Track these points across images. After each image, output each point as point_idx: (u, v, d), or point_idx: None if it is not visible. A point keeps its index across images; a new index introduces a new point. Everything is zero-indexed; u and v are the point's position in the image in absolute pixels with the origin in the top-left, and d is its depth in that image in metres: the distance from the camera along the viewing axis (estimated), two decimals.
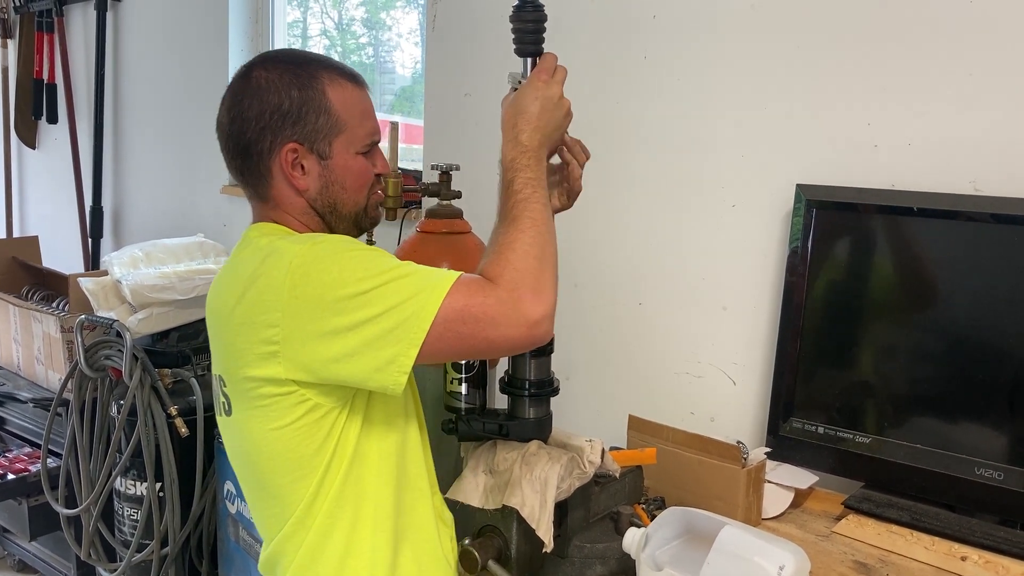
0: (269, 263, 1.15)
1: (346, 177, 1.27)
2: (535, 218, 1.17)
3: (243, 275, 1.19)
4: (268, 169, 1.25)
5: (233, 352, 1.20)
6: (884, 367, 1.65)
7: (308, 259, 1.12)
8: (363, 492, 1.23)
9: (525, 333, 1.10)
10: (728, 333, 1.93)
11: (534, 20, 1.27)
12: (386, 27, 3.34)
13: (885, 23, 1.68)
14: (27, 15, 4.13)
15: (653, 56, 2.02)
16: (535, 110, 1.24)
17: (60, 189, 4.10)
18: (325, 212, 1.28)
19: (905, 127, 1.67)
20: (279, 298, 1.12)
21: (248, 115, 1.23)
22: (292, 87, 1.23)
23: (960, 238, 1.56)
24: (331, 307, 1.09)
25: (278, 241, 1.19)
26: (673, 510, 1.33)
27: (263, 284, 1.14)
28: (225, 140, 1.27)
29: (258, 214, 1.31)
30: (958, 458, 1.52)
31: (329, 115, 1.24)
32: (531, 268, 1.12)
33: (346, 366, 1.11)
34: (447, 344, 1.10)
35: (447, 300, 1.08)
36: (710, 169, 1.94)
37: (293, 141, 1.23)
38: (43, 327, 2.87)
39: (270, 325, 1.13)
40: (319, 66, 1.26)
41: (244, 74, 1.26)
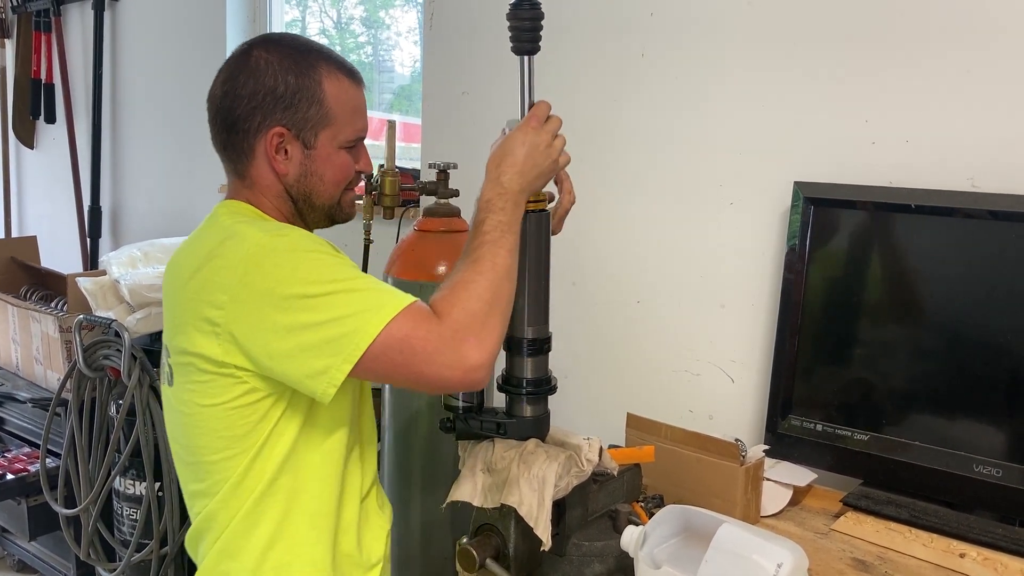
0: (228, 245, 1.17)
1: (326, 169, 1.29)
2: (496, 263, 1.18)
3: (201, 251, 1.21)
4: (251, 148, 1.27)
5: (179, 325, 1.22)
6: (882, 364, 1.65)
7: (266, 250, 1.14)
8: (302, 487, 1.25)
9: (459, 376, 1.11)
10: (726, 331, 1.93)
11: (531, 18, 1.27)
12: (385, 26, 3.34)
13: (883, 20, 1.68)
14: (25, 15, 4.12)
15: (651, 54, 2.02)
16: (521, 154, 1.25)
17: (58, 189, 4.10)
18: (299, 199, 1.30)
19: (903, 124, 1.67)
20: (229, 282, 1.14)
21: (241, 92, 1.25)
22: (289, 72, 1.24)
23: (958, 235, 1.55)
24: (277, 303, 1.11)
25: (242, 225, 1.21)
26: (671, 508, 1.33)
27: (218, 264, 1.16)
28: (215, 112, 1.29)
29: (232, 191, 1.33)
30: (956, 455, 1.52)
31: (321, 106, 1.26)
32: (480, 312, 1.13)
33: (280, 364, 1.13)
34: (380, 368, 1.11)
35: (391, 325, 1.09)
36: (708, 167, 1.94)
37: (281, 125, 1.25)
38: (42, 327, 2.87)
39: (216, 306, 1.15)
40: (319, 56, 1.28)
41: (244, 51, 1.28)
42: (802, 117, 1.79)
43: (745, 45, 1.87)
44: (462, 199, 1.89)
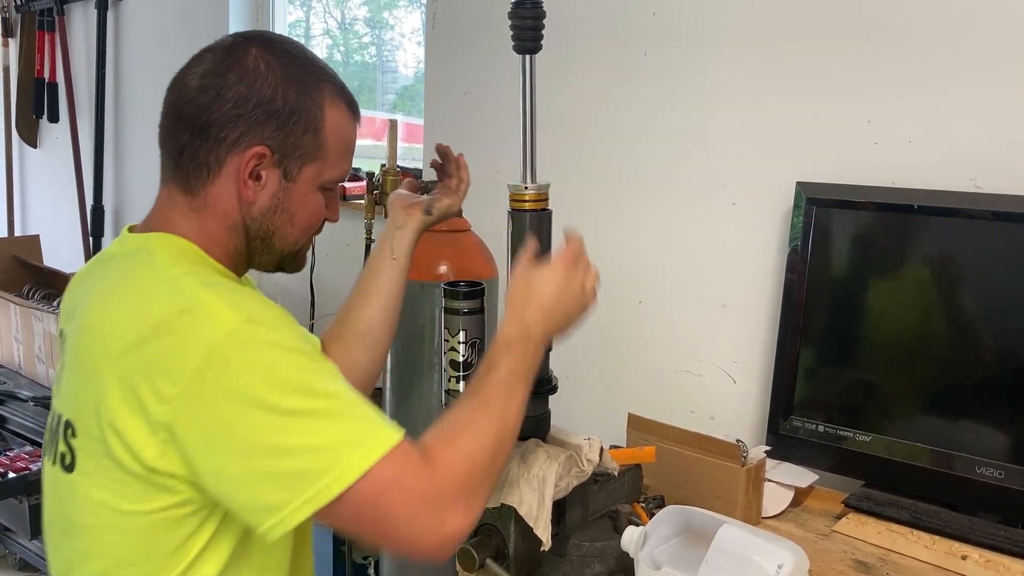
0: (188, 323, 0.92)
1: (299, 209, 1.10)
2: (508, 415, 1.03)
3: (150, 315, 0.94)
4: (219, 162, 1.05)
5: (103, 403, 0.95)
6: (884, 365, 1.65)
7: (238, 341, 0.91)
8: None
9: (432, 546, 0.93)
10: (728, 331, 1.93)
11: (532, 17, 1.27)
12: (389, 26, 3.34)
13: (885, 19, 1.68)
14: (28, 14, 4.13)
15: (653, 53, 2.01)
16: (551, 296, 1.12)
17: (61, 188, 4.10)
18: (256, 237, 1.09)
19: (905, 124, 1.67)
20: (183, 373, 0.90)
21: (227, 93, 1.03)
22: (291, 86, 1.05)
23: (960, 236, 1.55)
24: (240, 411, 0.89)
25: (204, 291, 0.96)
26: (672, 508, 1.33)
27: (170, 344, 0.92)
28: (180, 104, 1.06)
29: (166, 213, 1.09)
30: (959, 457, 1.52)
31: (316, 135, 1.07)
32: (480, 468, 0.97)
33: (226, 486, 0.92)
34: (345, 519, 0.92)
35: (374, 470, 0.89)
36: (710, 166, 1.94)
37: (265, 145, 1.05)
38: (44, 326, 2.87)
39: (160, 399, 0.91)
40: (325, 76, 1.10)
41: (236, 45, 1.07)
42: (805, 117, 1.79)
43: (748, 45, 1.86)
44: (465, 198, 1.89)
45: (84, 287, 1.11)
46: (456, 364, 1.41)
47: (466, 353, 1.40)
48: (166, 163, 1.10)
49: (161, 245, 1.06)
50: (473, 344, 1.41)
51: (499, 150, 2.28)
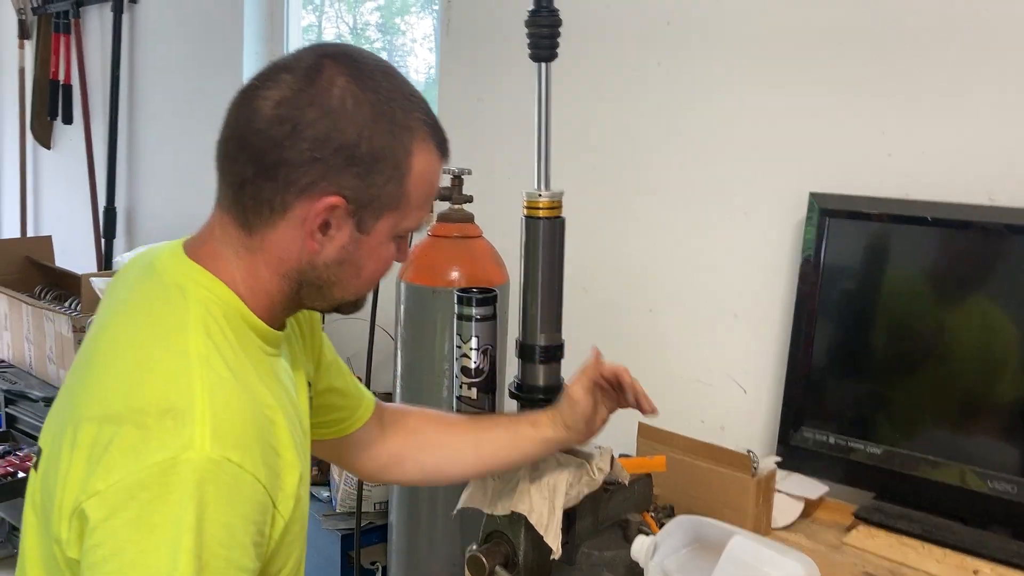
0: (163, 427, 0.83)
1: (368, 261, 0.97)
2: None
3: (136, 393, 0.86)
4: (286, 206, 0.91)
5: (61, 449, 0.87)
6: (896, 377, 1.64)
7: (193, 480, 0.81)
8: None
9: None
10: (739, 341, 1.92)
11: (549, 25, 1.27)
12: (400, 32, 3.35)
13: (899, 30, 1.67)
14: (44, 16, 4.16)
15: (667, 63, 2.02)
16: None
17: (74, 189, 4.13)
18: (313, 287, 0.98)
19: (919, 136, 1.66)
20: (122, 480, 0.81)
21: (305, 131, 0.89)
22: (378, 129, 0.91)
23: (974, 248, 1.55)
24: (141, 546, 0.80)
25: (202, 394, 0.85)
26: (682, 518, 1.32)
27: (134, 440, 0.82)
28: (249, 132, 0.91)
29: (219, 246, 0.96)
30: (971, 470, 1.51)
31: (400, 185, 0.94)
32: None
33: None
34: None
35: None
36: (722, 176, 1.93)
37: (340, 195, 0.91)
38: (55, 326, 2.89)
39: (89, 488, 0.82)
40: (418, 112, 0.95)
41: (319, 71, 0.91)
42: (818, 127, 1.79)
43: (761, 55, 1.86)
44: (476, 204, 1.90)
45: (119, 293, 1.02)
46: (468, 371, 1.41)
47: (478, 360, 1.40)
48: (223, 189, 0.96)
49: (199, 296, 0.93)
50: (485, 351, 1.41)
51: (511, 156, 2.28)
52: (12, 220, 4.57)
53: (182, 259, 0.97)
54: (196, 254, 0.97)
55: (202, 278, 0.95)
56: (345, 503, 2.19)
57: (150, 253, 1.03)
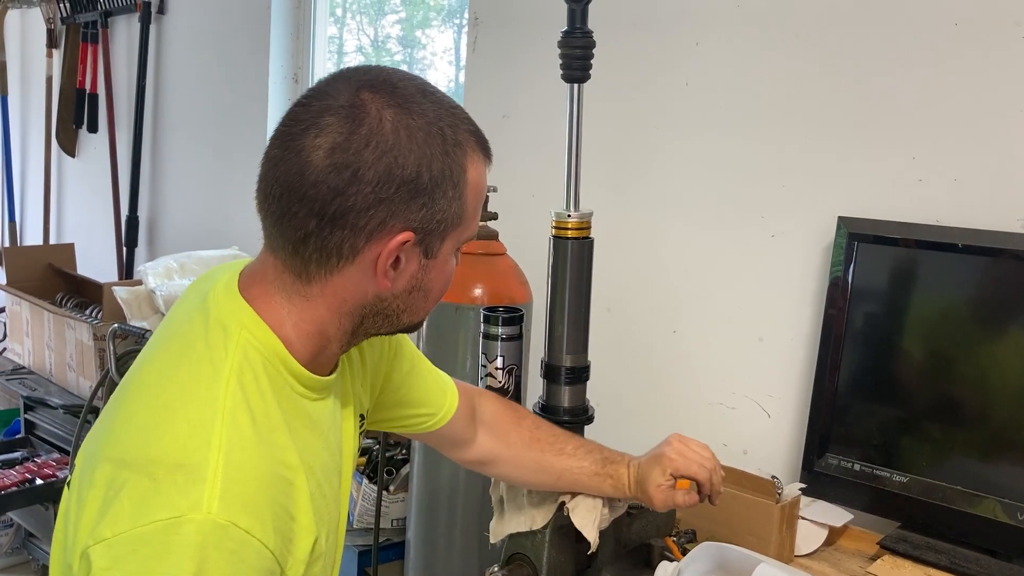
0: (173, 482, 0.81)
1: (436, 282, 0.96)
2: None
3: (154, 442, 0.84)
4: (355, 253, 0.88)
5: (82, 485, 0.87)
6: (924, 405, 1.62)
7: (151, 556, 0.79)
8: None
9: None
10: (764, 365, 1.91)
11: (582, 47, 1.27)
12: (421, 45, 3.36)
13: (933, 55, 1.66)
14: (72, 26, 4.20)
15: (695, 83, 2.01)
16: None
17: (97, 198, 4.15)
18: (380, 315, 0.95)
19: (951, 161, 1.65)
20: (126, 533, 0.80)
21: (366, 174, 0.85)
22: (436, 152, 0.88)
23: (1006, 276, 1.53)
24: None
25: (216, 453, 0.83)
26: (706, 545, 1.31)
27: (143, 491, 0.81)
28: (305, 185, 0.86)
29: (272, 292, 0.93)
30: (1000, 502, 1.49)
31: (460, 201, 0.91)
32: None
33: None
34: None
35: None
36: (750, 197, 1.92)
37: (410, 229, 0.89)
38: (76, 334, 2.90)
39: (96, 533, 0.82)
40: (465, 126, 0.93)
41: (365, 108, 0.87)
42: (848, 151, 1.77)
43: (791, 77, 1.85)
44: (501, 222, 1.89)
45: (173, 322, 1.00)
46: (493, 390, 1.40)
47: (503, 379, 1.40)
48: (277, 242, 0.91)
49: (241, 339, 0.90)
50: (510, 370, 1.40)
51: (537, 175, 2.28)
52: (35, 227, 4.60)
53: (233, 295, 0.94)
54: (248, 292, 0.94)
55: (248, 320, 0.92)
56: (363, 519, 2.18)
57: (211, 277, 1.01)
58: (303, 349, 0.94)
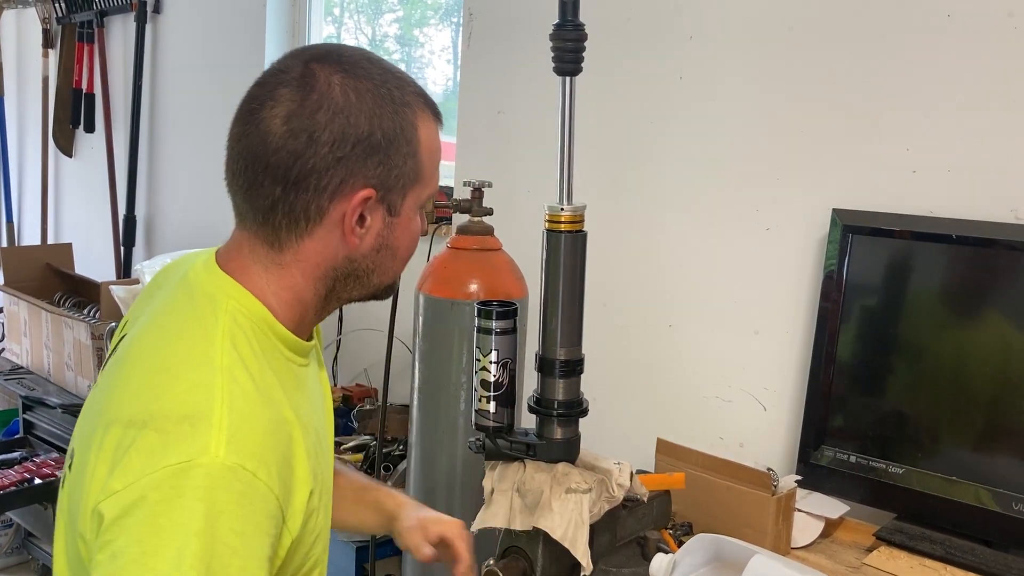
0: (181, 432, 0.84)
1: (403, 240, 1.00)
2: None
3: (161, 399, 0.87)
4: (322, 214, 0.93)
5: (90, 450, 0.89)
6: (919, 396, 1.62)
7: (198, 487, 0.81)
8: None
9: None
10: (759, 358, 1.91)
11: (574, 39, 1.26)
12: (419, 44, 3.36)
13: (926, 47, 1.66)
14: (68, 26, 4.20)
15: (689, 77, 2.01)
16: None
17: (94, 197, 4.16)
18: (351, 277, 0.99)
19: (945, 153, 1.65)
20: (137, 481, 0.82)
21: (321, 136, 0.90)
22: (386, 112, 0.93)
23: (999, 267, 1.53)
24: (137, 559, 0.80)
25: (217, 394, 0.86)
26: (702, 537, 1.31)
27: (152, 444, 0.83)
28: (265, 155, 0.92)
29: (247, 263, 0.97)
30: (995, 492, 1.49)
31: (415, 159, 0.96)
32: None
33: None
34: None
35: None
36: (744, 191, 1.93)
37: (371, 186, 0.93)
38: (74, 333, 2.90)
39: (108, 487, 0.83)
40: (411, 87, 0.97)
41: (310, 74, 0.92)
42: (842, 144, 1.78)
43: (785, 70, 1.85)
44: (496, 217, 1.89)
45: (153, 301, 1.03)
46: (487, 384, 1.39)
47: (497, 373, 1.39)
48: (247, 215, 0.97)
49: (228, 307, 0.94)
50: (504, 364, 1.40)
51: (531, 169, 2.28)
52: (33, 227, 4.60)
53: (214, 270, 0.98)
54: (227, 267, 0.98)
55: (232, 290, 0.96)
56: None
57: (185, 262, 1.04)
58: (285, 316, 0.97)
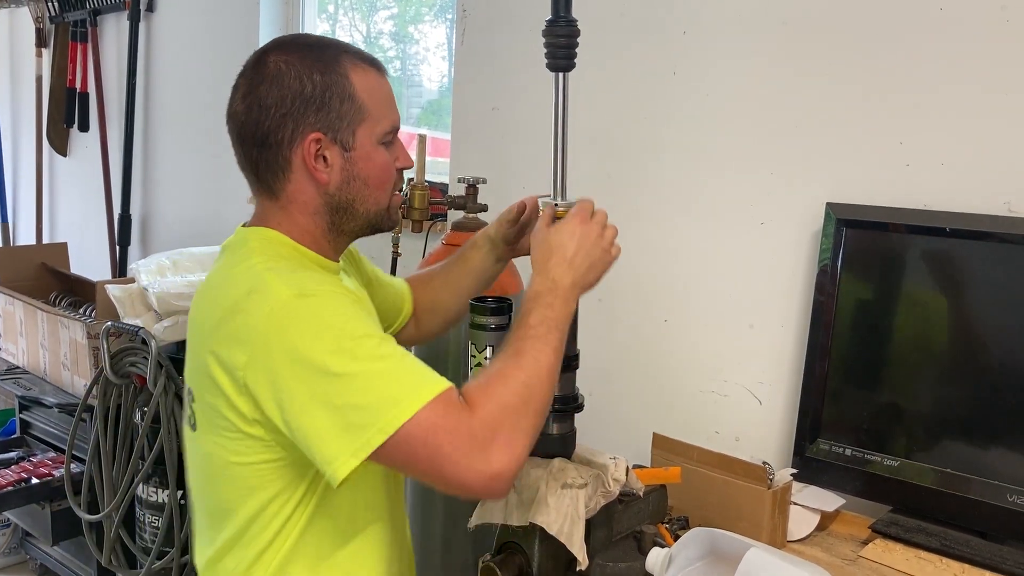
0: (253, 301, 1.09)
1: (369, 171, 1.21)
2: (539, 360, 1.09)
3: (228, 299, 1.13)
4: (288, 161, 1.18)
5: (204, 374, 1.15)
6: (914, 389, 1.63)
7: (290, 313, 1.06)
8: (304, 534, 1.19)
9: (481, 484, 1.01)
10: (754, 352, 1.91)
11: (567, 35, 1.27)
12: (414, 41, 3.36)
13: (919, 41, 1.67)
14: (62, 25, 4.19)
15: (683, 72, 2.01)
16: (571, 247, 1.18)
17: (89, 196, 4.15)
18: (340, 210, 1.21)
19: (938, 146, 1.65)
20: (252, 342, 1.06)
21: (266, 102, 1.16)
22: (314, 71, 1.17)
23: (993, 260, 1.53)
24: (297, 373, 1.03)
25: (271, 274, 1.12)
26: (698, 531, 1.31)
27: (241, 321, 1.08)
28: (239, 130, 1.20)
29: (262, 214, 1.24)
30: (990, 484, 1.49)
31: (353, 101, 1.18)
32: (514, 409, 1.04)
33: (296, 433, 1.06)
34: (399, 460, 1.03)
35: (418, 415, 1.00)
36: (739, 186, 1.93)
37: (316, 130, 1.17)
38: (70, 333, 2.90)
39: (238, 366, 1.08)
40: (339, 50, 1.21)
41: (258, 60, 1.20)
42: (836, 138, 1.78)
43: (778, 64, 1.86)
44: (491, 214, 1.89)
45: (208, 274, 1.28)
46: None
47: None
48: (250, 181, 1.24)
49: (256, 238, 1.21)
50: None
51: (527, 165, 2.28)
52: (28, 227, 4.60)
53: (241, 230, 1.25)
54: (251, 224, 1.26)
55: (258, 231, 1.22)
56: None
57: (224, 243, 1.29)
58: (305, 243, 1.22)
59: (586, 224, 1.20)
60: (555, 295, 1.15)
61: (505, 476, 1.02)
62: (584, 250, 1.18)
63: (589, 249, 1.19)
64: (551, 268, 1.16)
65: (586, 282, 1.19)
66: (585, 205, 1.23)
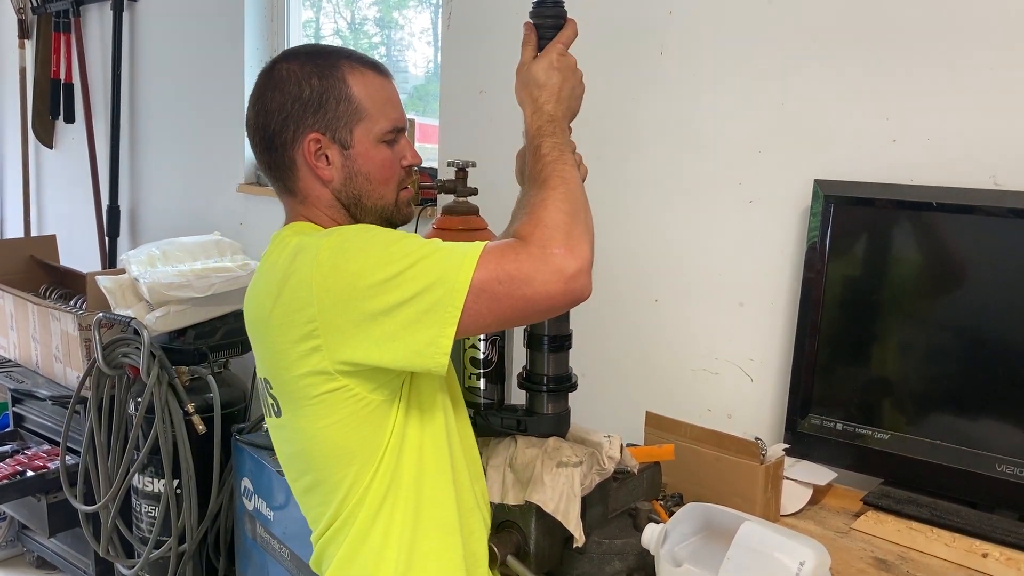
0: (299, 260, 1.15)
1: (370, 168, 1.27)
2: (565, 177, 1.16)
3: (276, 277, 1.18)
4: (292, 160, 1.26)
5: (276, 354, 1.20)
6: (903, 363, 1.64)
7: (335, 250, 1.12)
8: (400, 481, 1.22)
9: (562, 288, 1.07)
10: (745, 329, 1.93)
11: (553, 16, 1.27)
12: (399, 26, 3.34)
13: (903, 16, 1.67)
14: (44, 16, 4.15)
15: (669, 51, 2.02)
16: (556, 81, 1.26)
17: (77, 188, 4.13)
18: (350, 204, 1.28)
19: (924, 121, 1.66)
20: (311, 293, 1.11)
21: (271, 107, 1.25)
22: (312, 76, 1.24)
23: (980, 233, 1.55)
24: (363, 295, 1.09)
25: (306, 238, 1.18)
26: (692, 506, 1.33)
27: (295, 282, 1.14)
28: (252, 135, 1.29)
29: (290, 212, 1.33)
30: (979, 455, 1.51)
31: (349, 102, 1.24)
32: (562, 223, 1.10)
33: (387, 351, 1.10)
34: (486, 310, 1.08)
35: (476, 272, 1.06)
36: (727, 164, 1.94)
37: (315, 131, 1.24)
38: (61, 325, 2.89)
39: (308, 321, 1.12)
40: (339, 56, 1.27)
41: (268, 69, 1.29)
42: (822, 115, 1.79)
43: (764, 42, 1.86)
44: (481, 197, 1.89)
45: None
46: (476, 361, 1.41)
47: (486, 351, 1.41)
48: (271, 182, 1.32)
49: (288, 230, 1.28)
50: (493, 342, 1.41)
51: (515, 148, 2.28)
52: (16, 220, 4.57)
53: (277, 233, 1.30)
54: (285, 222, 1.33)
55: (292, 227, 1.28)
56: None
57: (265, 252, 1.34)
58: None
59: (565, 56, 1.29)
60: (555, 125, 1.24)
61: (581, 275, 1.07)
62: (570, 83, 1.28)
63: (574, 82, 1.29)
64: (543, 104, 1.25)
65: (572, 111, 1.30)
66: (568, 34, 1.30)
